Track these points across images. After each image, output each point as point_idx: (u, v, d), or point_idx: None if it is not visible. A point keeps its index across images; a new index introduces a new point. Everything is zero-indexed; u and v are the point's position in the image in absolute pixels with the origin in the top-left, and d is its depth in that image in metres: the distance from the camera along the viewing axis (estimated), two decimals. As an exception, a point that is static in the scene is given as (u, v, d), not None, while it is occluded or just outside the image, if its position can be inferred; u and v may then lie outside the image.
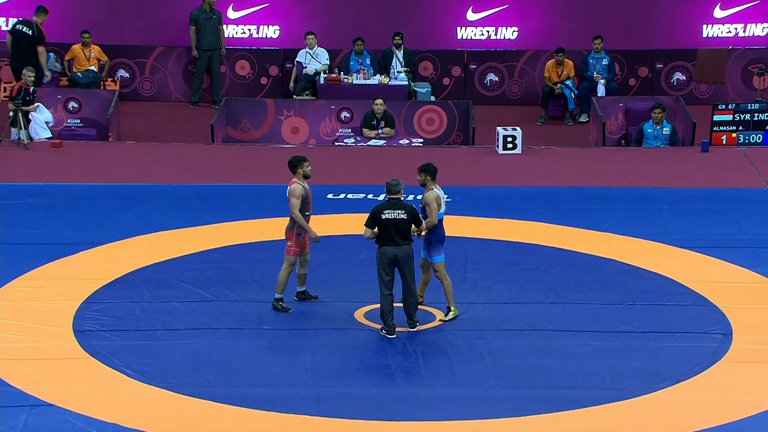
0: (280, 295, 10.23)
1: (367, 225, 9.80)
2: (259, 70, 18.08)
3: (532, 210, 13.10)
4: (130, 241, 11.97)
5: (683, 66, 18.21)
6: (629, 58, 18.12)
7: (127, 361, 9.34)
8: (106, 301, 10.44)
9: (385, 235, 9.70)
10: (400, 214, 9.77)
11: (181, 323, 10.05)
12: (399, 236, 9.71)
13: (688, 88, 18.16)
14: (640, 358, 9.57)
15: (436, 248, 10.02)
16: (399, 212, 9.76)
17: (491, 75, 18.27)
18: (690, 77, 18.21)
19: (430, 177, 9.98)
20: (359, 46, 17.35)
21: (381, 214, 9.72)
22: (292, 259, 10.15)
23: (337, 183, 13.50)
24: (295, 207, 10.04)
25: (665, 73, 18.23)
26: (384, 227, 9.71)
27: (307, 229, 10.03)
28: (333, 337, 9.87)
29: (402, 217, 9.76)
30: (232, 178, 14.21)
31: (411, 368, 9.35)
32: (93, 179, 13.97)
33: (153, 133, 16.53)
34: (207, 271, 11.17)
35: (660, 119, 15.40)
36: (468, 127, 16.15)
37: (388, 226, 9.69)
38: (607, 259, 11.67)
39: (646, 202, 13.42)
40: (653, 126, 15.40)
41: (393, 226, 9.69)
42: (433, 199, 9.92)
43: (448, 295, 10.06)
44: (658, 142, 15.41)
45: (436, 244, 10.02)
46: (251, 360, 9.44)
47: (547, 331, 10.03)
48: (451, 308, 10.10)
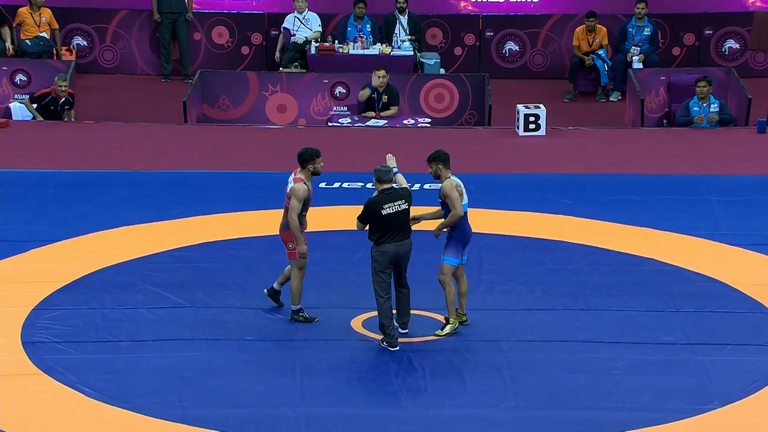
0: (298, 306, 10.23)
1: (360, 220, 9.79)
2: (239, 37, 18.09)
3: (557, 201, 13.10)
4: (89, 237, 11.98)
5: (736, 32, 18.20)
6: (673, 23, 18.11)
7: (86, 377, 9.35)
8: (61, 308, 10.45)
9: (387, 232, 9.69)
10: (401, 205, 9.76)
11: (148, 333, 10.06)
12: (401, 231, 9.72)
13: (742, 58, 18.16)
14: (684, 374, 9.58)
15: (455, 248, 9.94)
16: (399, 203, 9.75)
17: (510, 44, 18.27)
18: (744, 45, 18.21)
19: (443, 165, 9.95)
20: (360, 9, 17.36)
21: (380, 210, 9.69)
22: (300, 262, 10.12)
23: (330, 170, 13.48)
24: (294, 210, 10.00)
25: (715, 40, 18.23)
26: (386, 224, 9.69)
27: (298, 240, 10.00)
28: (326, 349, 9.88)
29: (404, 208, 9.76)
30: (209, 164, 14.22)
31: (416, 386, 9.37)
32: (45, 165, 13.98)
33: (116, 112, 16.54)
34: (179, 272, 11.19)
35: (706, 94, 15.36)
36: (483, 105, 16.15)
37: (390, 221, 9.68)
38: (645, 258, 11.68)
39: (691, 191, 13.42)
40: (698, 103, 15.39)
41: (395, 221, 9.69)
42: (453, 187, 9.87)
43: (449, 305, 10.04)
44: (704, 122, 15.40)
45: (456, 243, 9.93)
46: (231, 376, 9.45)
47: (575, 342, 10.04)
48: (450, 320, 10.07)
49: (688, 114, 15.39)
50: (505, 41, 18.26)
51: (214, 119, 16.26)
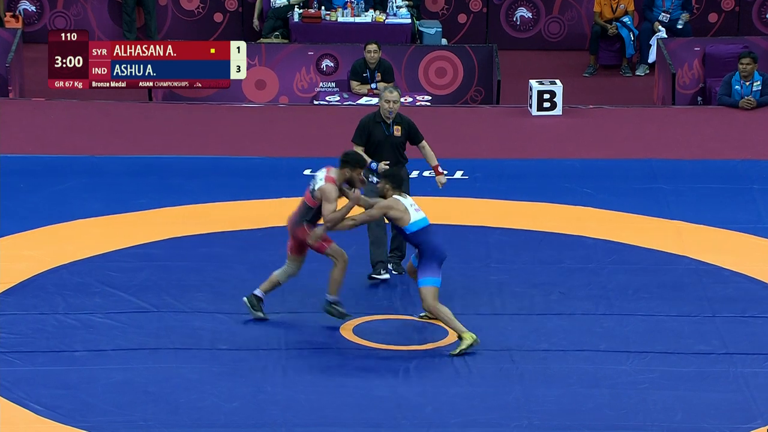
0: (335, 297, 10.27)
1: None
2: (211, 3, 18.08)
3: (576, 190, 13.11)
4: (38, 231, 11.98)
5: (781, -3, 18.21)
6: (708, -15, 18.12)
7: (35, 393, 9.36)
8: (7, 313, 10.46)
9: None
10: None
11: (108, 342, 10.07)
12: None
13: (788, 27, 18.18)
14: (722, 389, 9.61)
15: (430, 267, 9.98)
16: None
17: (522, 10, 18.26)
18: (790, 12, 18.22)
19: (390, 185, 10.19)
20: (350, -31, 17.35)
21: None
22: (336, 249, 10.22)
23: (317, 155, 13.50)
24: (329, 212, 10.14)
25: (758, 5, 18.24)
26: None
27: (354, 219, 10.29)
28: (312, 359, 9.91)
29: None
30: (177, 148, 14.22)
31: (416, 401, 9.39)
32: (-11, 149, 13.97)
33: (69, 87, 16.49)
34: (143, 271, 11.20)
35: (750, 72, 15.38)
36: (491, 80, 16.15)
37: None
38: (677, 255, 11.70)
39: (731, 179, 13.44)
40: (740, 81, 15.39)
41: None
42: (387, 206, 10.10)
43: (452, 324, 10.00)
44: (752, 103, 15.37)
45: (430, 262, 9.98)
46: (202, 391, 9.46)
47: (597, 352, 10.06)
48: (463, 336, 10.04)
49: (730, 92, 15.38)
50: (516, 7, 18.25)
51: (183, 97, 16.25)
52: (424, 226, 10.05)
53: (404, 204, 10.10)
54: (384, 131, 11.26)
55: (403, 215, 10.04)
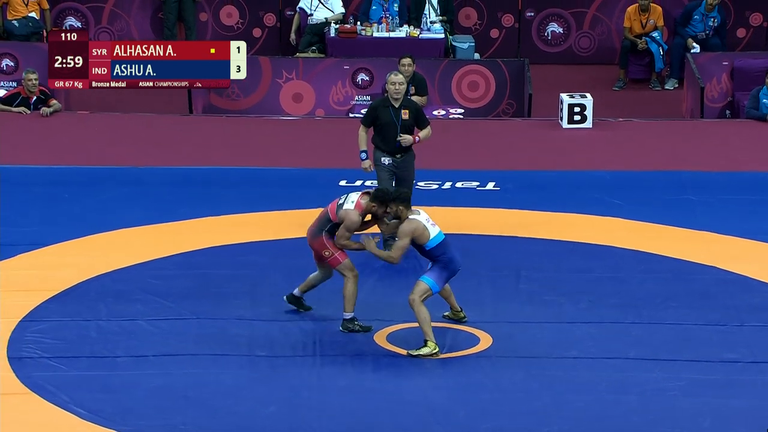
0: (352, 314, 10.28)
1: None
2: (250, 18, 18.13)
3: (606, 201, 13.08)
4: (82, 240, 12.03)
5: (809, 13, 18.12)
6: (737, 1, 18.03)
7: (79, 397, 9.38)
8: (51, 319, 10.49)
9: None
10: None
11: (148, 348, 10.09)
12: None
13: (816, 42, 18.08)
14: (749, 396, 9.54)
15: (438, 274, 9.98)
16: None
17: (553, 25, 18.23)
18: (818, 27, 18.12)
19: (403, 206, 10.04)
20: (389, -16, 17.37)
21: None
22: (347, 265, 10.19)
23: (351, 166, 13.51)
24: (342, 238, 10.15)
25: (785, 21, 18.14)
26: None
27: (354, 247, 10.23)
28: (346, 365, 9.90)
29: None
30: (216, 159, 14.26)
31: (447, 406, 9.37)
32: (34, 160, 14.05)
33: (113, 101, 16.59)
34: (183, 280, 11.22)
35: (776, 86, 15.32)
36: (522, 94, 16.13)
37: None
38: (705, 265, 11.64)
39: (758, 190, 13.39)
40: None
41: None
42: (410, 231, 9.94)
43: (425, 326, 9.99)
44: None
45: (441, 270, 9.99)
46: (240, 396, 9.47)
47: (625, 359, 10.02)
48: (427, 342, 10.01)
49: (757, 105, 15.31)
50: (547, 22, 18.23)
51: (223, 109, 16.31)
52: (441, 241, 10.02)
53: (422, 223, 10.01)
54: (392, 114, 11.32)
55: (423, 233, 9.99)
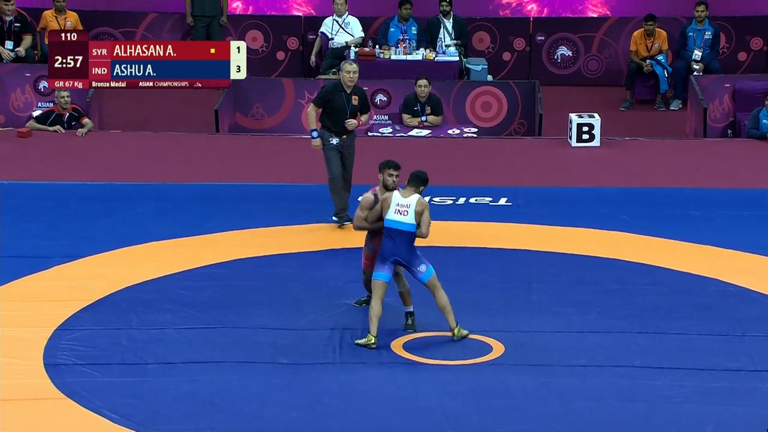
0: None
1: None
2: (274, 42, 18.17)
3: (613, 216, 13.05)
4: (114, 253, 12.05)
5: (809, 37, 18.07)
6: (739, 26, 18.01)
7: (110, 402, 9.40)
8: (85, 328, 10.51)
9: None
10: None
11: (176, 356, 10.10)
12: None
13: (816, 65, 18.03)
14: (751, 404, 9.50)
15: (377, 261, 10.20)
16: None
17: (563, 48, 18.23)
18: (817, 50, 18.07)
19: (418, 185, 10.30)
20: (407, 10, 17.40)
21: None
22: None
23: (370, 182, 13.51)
24: (358, 218, 10.39)
25: (785, 45, 18.09)
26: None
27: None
28: (365, 372, 9.89)
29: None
30: (242, 175, 14.27)
31: (460, 412, 9.35)
32: (68, 177, 14.08)
33: (143, 120, 16.65)
34: (209, 290, 11.23)
35: (775, 107, 15.28)
36: (533, 114, 16.12)
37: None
38: (708, 278, 11.60)
39: (758, 207, 13.33)
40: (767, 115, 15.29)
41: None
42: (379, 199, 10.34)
43: (371, 321, 10.14)
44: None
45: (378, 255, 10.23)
46: (264, 402, 9.47)
47: (632, 367, 9.99)
48: (368, 335, 10.14)
49: (758, 125, 15.29)
50: (557, 46, 18.22)
51: (248, 128, 16.33)
52: (388, 227, 10.14)
53: (390, 198, 10.22)
54: (344, 99, 11.97)
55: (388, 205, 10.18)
